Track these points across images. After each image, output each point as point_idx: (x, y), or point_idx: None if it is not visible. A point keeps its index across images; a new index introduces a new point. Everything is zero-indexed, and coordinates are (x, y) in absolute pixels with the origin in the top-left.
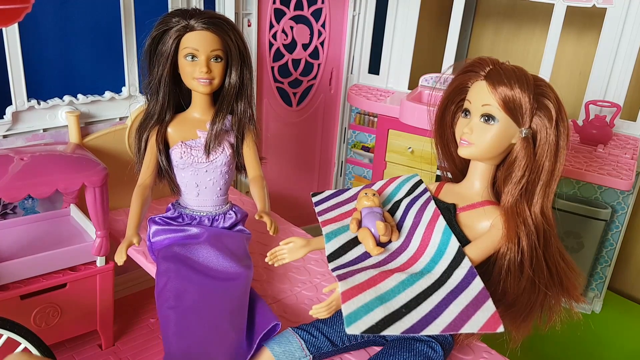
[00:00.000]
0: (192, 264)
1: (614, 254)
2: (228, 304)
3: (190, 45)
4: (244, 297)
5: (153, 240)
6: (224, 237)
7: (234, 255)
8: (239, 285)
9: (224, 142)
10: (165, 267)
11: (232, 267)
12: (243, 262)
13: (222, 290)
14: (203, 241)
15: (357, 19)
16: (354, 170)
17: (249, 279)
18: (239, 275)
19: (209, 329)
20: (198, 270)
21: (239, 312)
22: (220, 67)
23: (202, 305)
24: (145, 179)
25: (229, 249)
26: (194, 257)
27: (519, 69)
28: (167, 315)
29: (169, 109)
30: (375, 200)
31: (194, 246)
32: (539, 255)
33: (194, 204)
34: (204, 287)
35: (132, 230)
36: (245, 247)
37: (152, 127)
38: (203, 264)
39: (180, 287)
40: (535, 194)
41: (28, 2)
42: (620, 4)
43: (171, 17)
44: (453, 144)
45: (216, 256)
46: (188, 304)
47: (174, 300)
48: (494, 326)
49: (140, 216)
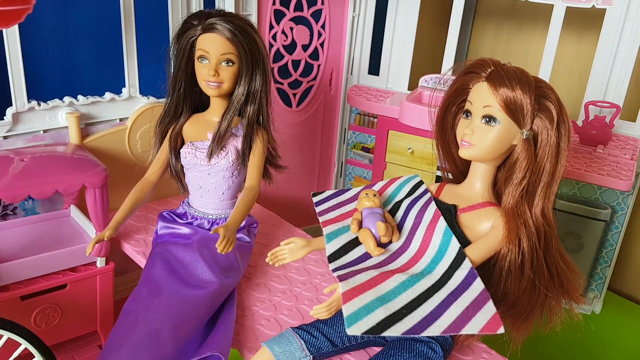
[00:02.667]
0: (174, 265)
1: (613, 254)
2: (182, 315)
3: (202, 48)
4: (207, 309)
5: (159, 233)
6: (213, 243)
7: (215, 264)
8: (205, 294)
9: (230, 146)
10: (152, 262)
11: (206, 274)
12: (223, 272)
13: (187, 298)
14: (192, 243)
15: (356, 19)
16: (353, 171)
17: (220, 289)
18: (209, 284)
19: (149, 335)
20: (176, 272)
21: (188, 325)
22: (231, 71)
23: (159, 309)
24: (150, 174)
25: (213, 256)
26: (179, 257)
27: (521, 71)
28: (127, 311)
29: (185, 108)
30: (375, 201)
31: (182, 246)
32: (539, 256)
33: (198, 205)
34: (173, 292)
35: (111, 224)
36: (234, 257)
37: (169, 124)
38: (183, 267)
39: (155, 287)
40: (536, 196)
41: (29, 3)
42: (619, 4)
43: (192, 18)
44: (454, 145)
45: (197, 261)
46: (149, 305)
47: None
48: (495, 327)
49: (127, 213)
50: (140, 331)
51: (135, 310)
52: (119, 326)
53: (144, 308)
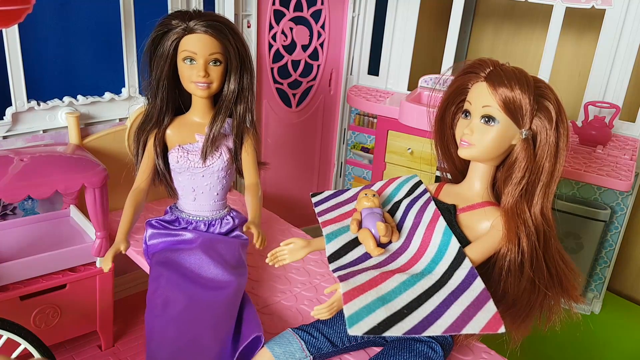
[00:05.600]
0: (183, 271)
1: (613, 254)
2: (214, 315)
3: (189, 49)
4: (232, 306)
5: (149, 243)
6: (217, 243)
7: (226, 263)
8: (227, 294)
9: (222, 146)
10: (157, 273)
11: (222, 275)
12: (235, 270)
13: (209, 300)
14: (195, 247)
15: (356, 20)
16: (353, 171)
17: (240, 287)
18: (228, 283)
19: (189, 342)
20: (188, 277)
21: (224, 323)
22: (219, 70)
23: (186, 316)
24: (141, 182)
25: (221, 255)
26: (186, 264)
27: (519, 71)
28: (152, 323)
29: (168, 111)
30: (375, 201)
31: (186, 252)
32: (539, 255)
33: (190, 208)
34: (192, 296)
35: (122, 236)
36: (239, 254)
37: (151, 130)
38: (194, 271)
39: (170, 295)
40: (535, 195)
41: (29, 3)
42: (619, 5)
43: (171, 19)
44: (453, 145)
45: (207, 263)
46: (173, 314)
47: (161, 308)
48: (495, 327)
49: (132, 222)
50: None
51: (162, 321)
52: (150, 338)
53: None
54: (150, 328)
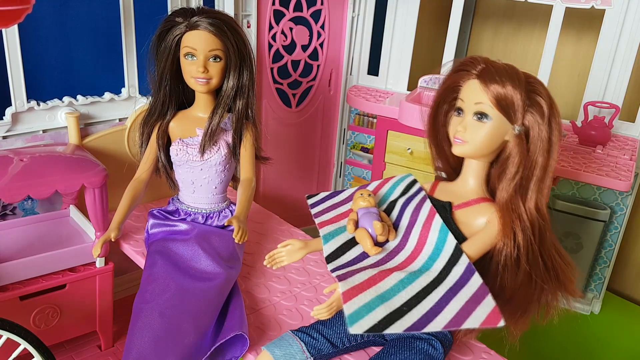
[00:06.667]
0: (176, 261)
1: (612, 254)
2: (197, 306)
3: (189, 45)
4: (218, 298)
5: (150, 232)
6: (212, 236)
7: (217, 255)
8: (214, 285)
9: (221, 141)
10: (152, 261)
11: (212, 266)
12: (226, 263)
13: (195, 290)
14: (190, 238)
15: (356, 20)
16: (353, 171)
17: (228, 280)
18: (216, 275)
19: (170, 330)
20: (180, 267)
21: (206, 315)
22: (218, 67)
23: (171, 304)
24: (142, 173)
25: (214, 248)
26: (179, 254)
27: (510, 67)
28: (139, 308)
29: (171, 105)
30: (371, 201)
31: (181, 242)
32: (534, 249)
33: (190, 200)
34: (180, 285)
35: (114, 224)
36: (233, 247)
37: (154, 123)
38: (186, 262)
39: (161, 283)
40: (529, 190)
41: (29, 3)
42: (618, 5)
43: (174, 16)
44: (446, 143)
45: (199, 255)
46: (159, 302)
47: (150, 295)
48: (495, 321)
49: (127, 212)
50: (158, 324)
51: (148, 307)
52: (134, 323)
53: (156, 304)
54: (137, 313)
